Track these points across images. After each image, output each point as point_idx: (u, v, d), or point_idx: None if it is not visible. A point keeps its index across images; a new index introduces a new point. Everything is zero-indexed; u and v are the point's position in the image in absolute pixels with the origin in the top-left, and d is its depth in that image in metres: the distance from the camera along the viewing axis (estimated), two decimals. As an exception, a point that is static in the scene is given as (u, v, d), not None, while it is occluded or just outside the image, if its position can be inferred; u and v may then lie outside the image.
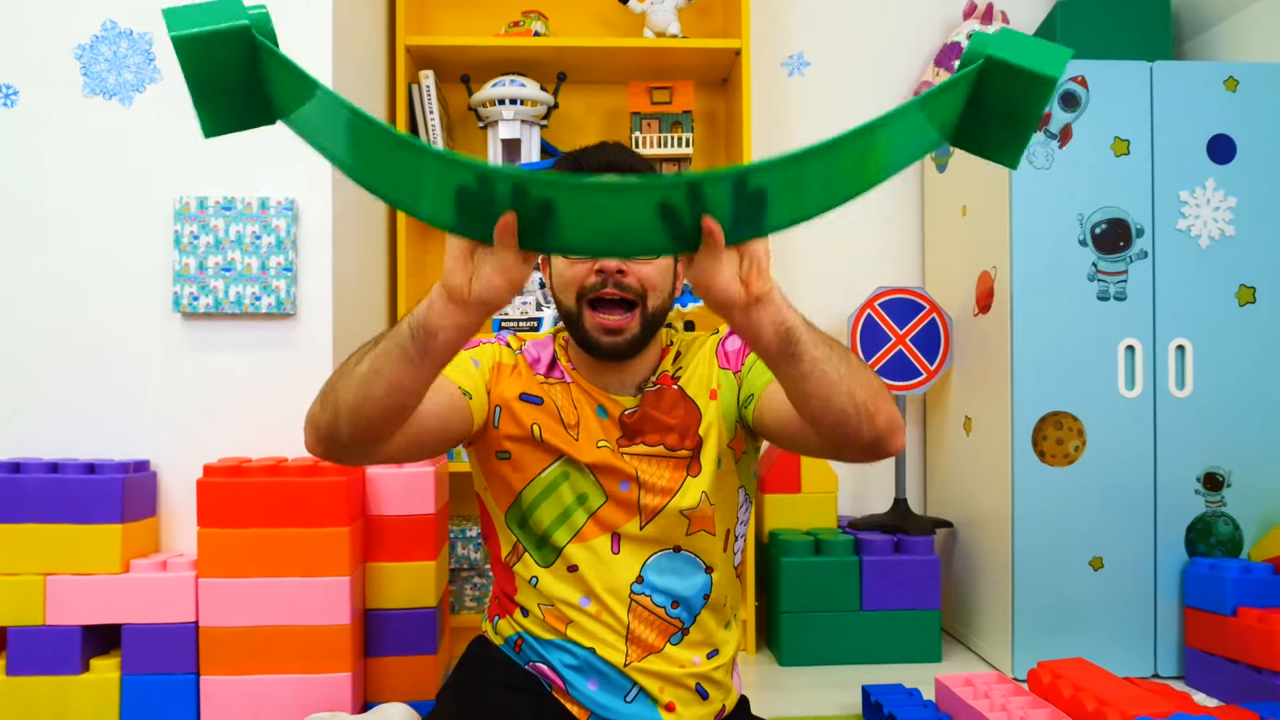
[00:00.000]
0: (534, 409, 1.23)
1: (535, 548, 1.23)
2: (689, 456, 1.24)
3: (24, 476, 1.63)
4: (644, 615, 1.20)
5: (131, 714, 1.62)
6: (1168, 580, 2.07)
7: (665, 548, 1.23)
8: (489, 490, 1.27)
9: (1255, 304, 2.07)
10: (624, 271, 1.18)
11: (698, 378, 1.28)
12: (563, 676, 1.21)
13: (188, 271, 1.73)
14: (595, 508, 1.22)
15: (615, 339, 1.20)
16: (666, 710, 1.20)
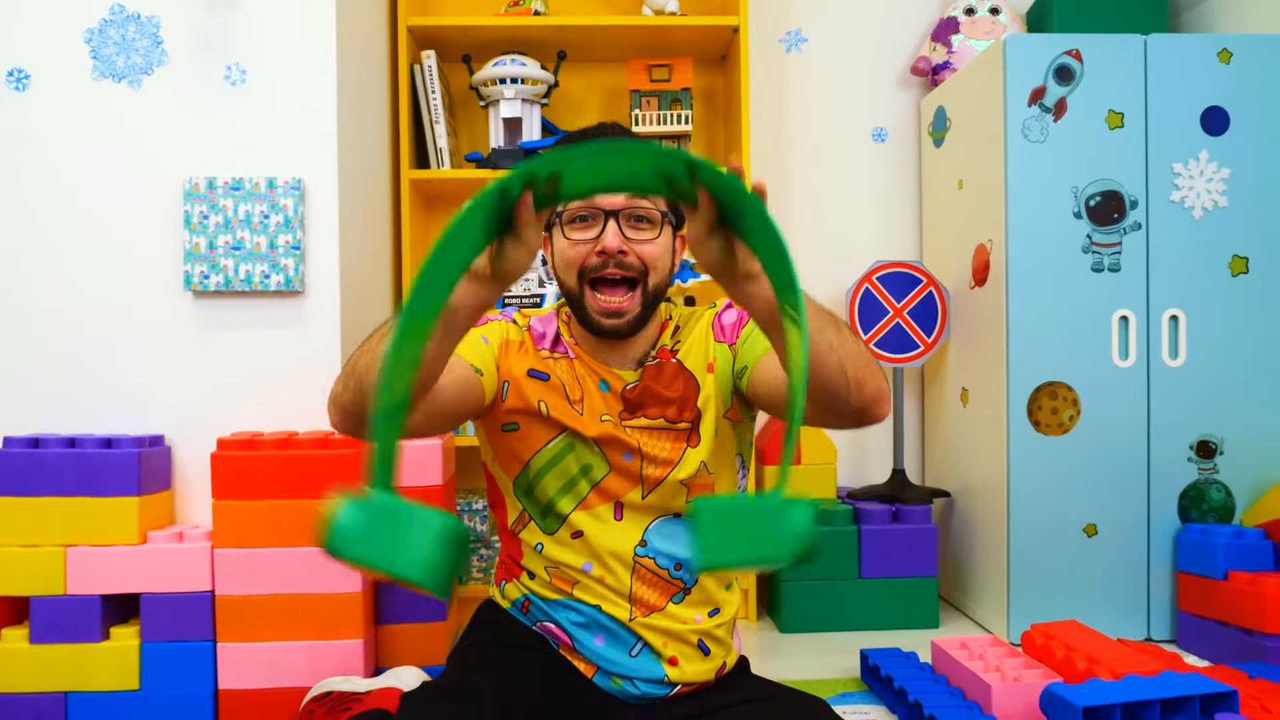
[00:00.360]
0: (540, 384, 1.27)
1: (540, 516, 1.28)
2: (688, 428, 1.27)
3: (43, 451, 1.68)
4: (647, 577, 1.25)
5: (151, 680, 1.68)
6: (1160, 546, 2.12)
7: (666, 514, 1.27)
8: (496, 461, 1.32)
9: (1248, 274, 2.11)
10: (625, 251, 1.21)
11: (695, 352, 1.31)
12: (570, 634, 1.26)
13: (198, 251, 1.78)
14: (599, 478, 1.25)
15: (616, 321, 1.23)
16: (670, 664, 1.24)
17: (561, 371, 1.29)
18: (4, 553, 1.67)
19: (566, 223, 1.24)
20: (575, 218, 1.23)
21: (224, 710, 1.68)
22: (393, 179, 2.33)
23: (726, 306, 1.35)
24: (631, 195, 1.20)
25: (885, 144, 2.64)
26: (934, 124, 2.50)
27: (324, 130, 1.82)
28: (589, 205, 1.22)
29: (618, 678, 1.24)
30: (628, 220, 1.23)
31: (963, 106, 2.35)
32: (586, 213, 1.23)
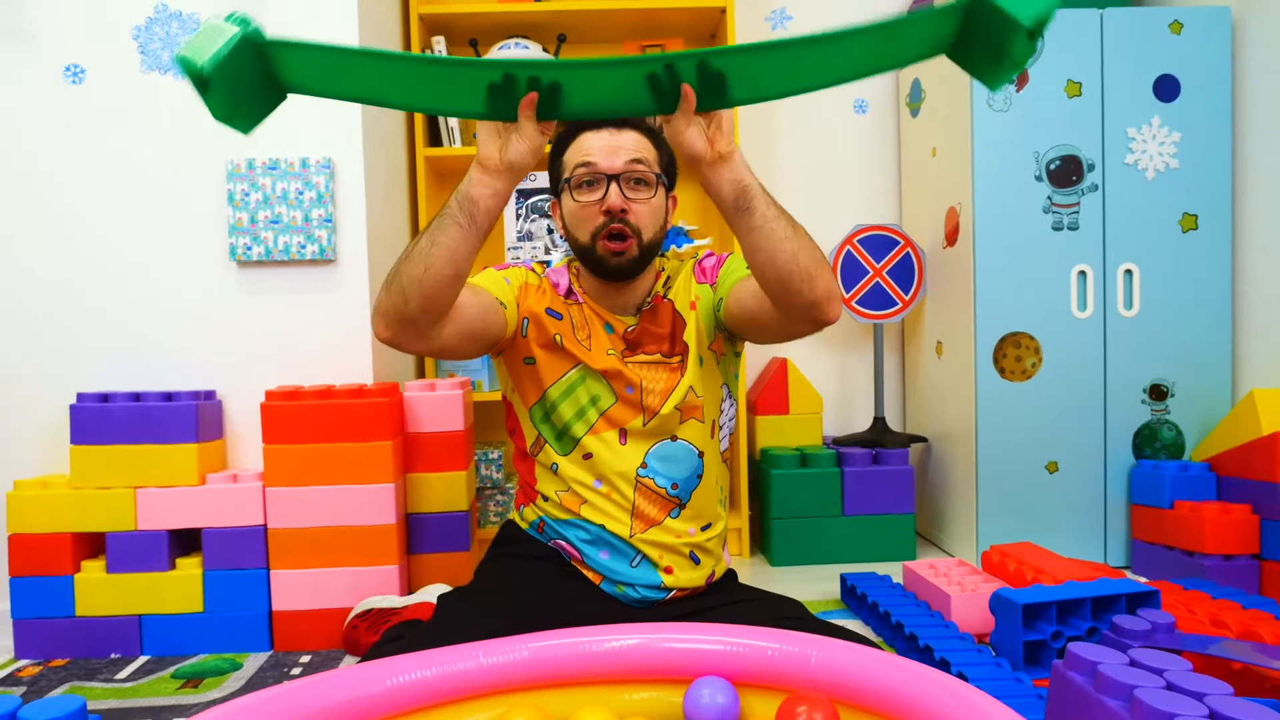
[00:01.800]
0: (556, 322, 1.47)
1: (556, 439, 1.48)
2: (679, 359, 1.48)
3: (112, 406, 1.88)
4: (648, 494, 1.45)
5: (213, 603, 1.88)
6: (1116, 481, 2.32)
7: (664, 438, 1.47)
8: (516, 392, 1.52)
9: (1197, 230, 2.28)
10: (625, 210, 1.40)
11: (682, 294, 1.51)
12: (578, 549, 1.47)
13: (241, 225, 1.97)
14: (606, 407, 1.45)
15: (620, 259, 1.42)
16: (665, 573, 1.45)
17: (574, 314, 1.49)
18: (82, 494, 1.86)
19: (574, 187, 1.43)
20: (581, 182, 1.42)
21: (277, 628, 1.87)
22: (409, 156, 2.52)
23: (706, 255, 1.56)
24: (629, 161, 1.40)
25: (866, 115, 2.82)
26: (910, 95, 2.68)
27: (350, 114, 2.00)
28: (592, 171, 1.41)
29: (621, 584, 1.45)
30: (627, 183, 1.41)
31: (936, 79, 2.52)
32: (590, 178, 1.41)
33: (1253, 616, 1.63)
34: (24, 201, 1.98)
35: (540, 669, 1.24)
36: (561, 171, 1.47)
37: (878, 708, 1.09)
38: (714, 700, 1.18)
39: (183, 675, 1.75)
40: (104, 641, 1.87)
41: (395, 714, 1.18)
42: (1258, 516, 2.02)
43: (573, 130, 1.47)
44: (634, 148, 1.43)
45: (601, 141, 1.42)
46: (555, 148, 1.51)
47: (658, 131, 1.49)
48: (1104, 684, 0.90)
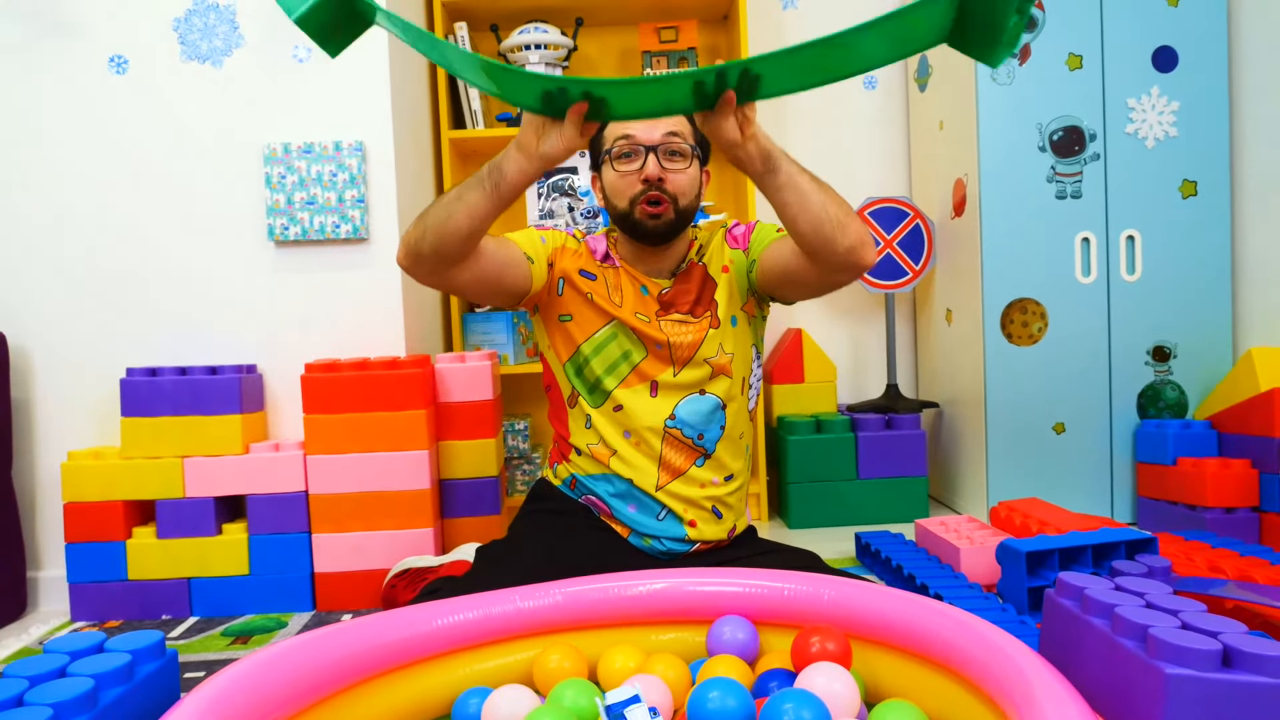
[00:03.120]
0: (590, 282, 1.56)
1: (589, 392, 1.57)
2: (709, 316, 1.56)
3: (160, 379, 1.98)
4: (674, 443, 1.54)
5: (258, 565, 1.97)
6: (1122, 440, 2.39)
7: (692, 391, 1.55)
8: (552, 348, 1.61)
9: (1197, 196, 2.35)
10: (663, 179, 1.49)
11: (715, 259, 1.61)
12: (608, 503, 1.56)
13: (278, 206, 2.07)
14: (637, 361, 1.54)
15: (657, 221, 1.51)
16: (689, 526, 1.55)
17: (609, 276, 1.58)
18: (132, 464, 1.95)
19: (615, 158, 1.52)
20: (621, 154, 1.51)
21: (319, 589, 1.97)
22: (434, 139, 2.61)
23: (735, 224, 1.66)
24: (666, 134, 1.49)
25: (875, 90, 2.88)
26: (918, 71, 2.74)
27: (380, 98, 2.09)
28: (631, 143, 1.49)
29: (647, 537, 1.55)
30: (664, 154, 1.50)
31: (942, 54, 2.58)
32: (629, 150, 1.50)
33: (1249, 563, 1.71)
34: (74, 188, 2.07)
35: (573, 612, 1.34)
36: (602, 144, 1.55)
37: (889, 639, 1.18)
38: (734, 636, 1.27)
39: (232, 633, 1.86)
40: (155, 603, 1.97)
41: (442, 652, 1.28)
42: (1257, 471, 2.09)
43: None
44: (671, 122, 1.51)
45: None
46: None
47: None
48: (1090, 605, 0.98)
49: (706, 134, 1.25)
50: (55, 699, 0.88)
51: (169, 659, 1.05)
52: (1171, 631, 0.85)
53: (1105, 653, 0.90)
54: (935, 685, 1.08)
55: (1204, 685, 0.80)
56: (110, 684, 0.96)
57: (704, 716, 0.95)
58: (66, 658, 0.99)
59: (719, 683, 0.97)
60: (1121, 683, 0.87)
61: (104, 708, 0.91)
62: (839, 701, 0.99)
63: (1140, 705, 0.84)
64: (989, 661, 0.96)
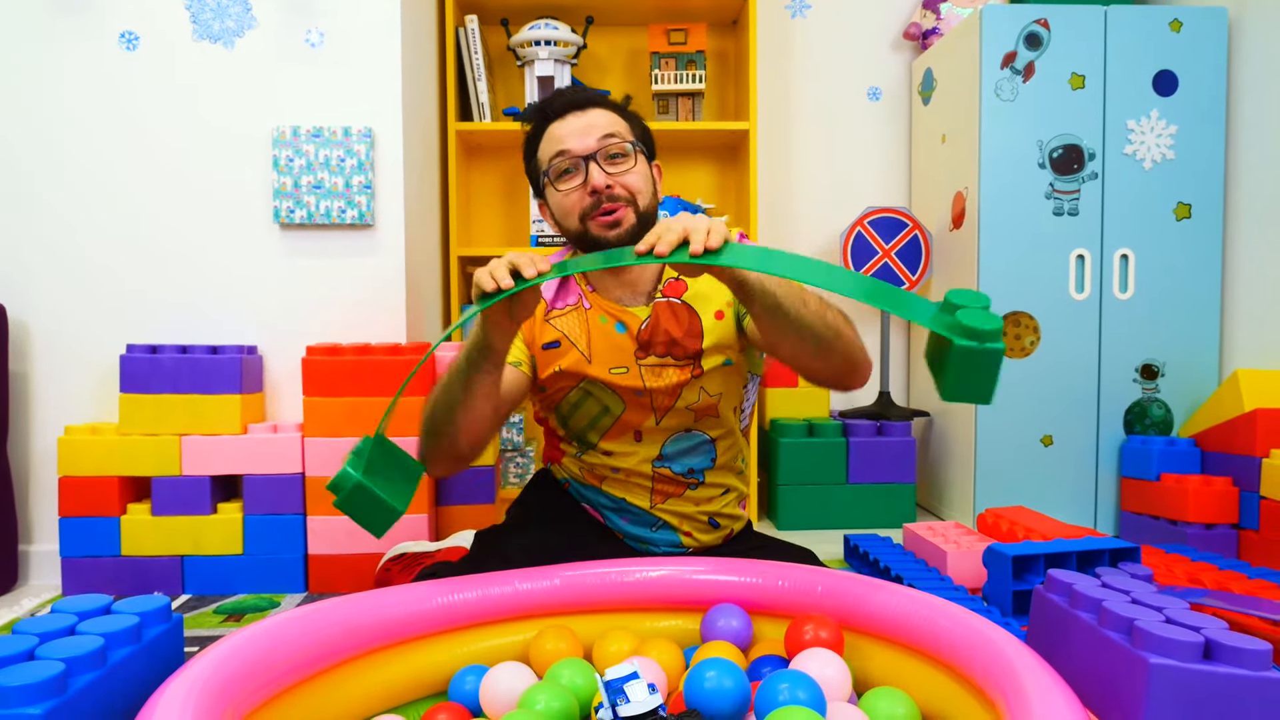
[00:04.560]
0: (554, 353, 1.46)
1: (574, 440, 1.51)
2: (691, 362, 1.43)
3: (161, 356, 1.98)
4: (665, 477, 1.49)
5: (252, 546, 1.98)
6: (1107, 455, 2.43)
7: (679, 431, 1.47)
8: (538, 403, 1.56)
9: (1191, 219, 2.39)
10: (611, 185, 1.37)
11: (704, 294, 1.46)
12: (602, 514, 1.54)
13: (285, 189, 2.08)
14: (618, 414, 1.46)
15: (618, 230, 1.38)
16: (685, 536, 1.52)
17: (571, 327, 1.46)
18: (129, 440, 1.96)
19: (554, 179, 1.40)
20: (560, 172, 1.39)
21: (313, 571, 1.98)
22: (441, 130, 2.63)
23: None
24: (602, 138, 1.38)
25: (879, 102, 2.92)
26: (923, 84, 2.78)
27: (390, 86, 2.11)
28: (568, 158, 1.38)
29: (643, 541, 1.53)
30: (605, 159, 1.38)
31: (947, 68, 2.62)
32: (569, 165, 1.38)
33: (1227, 576, 1.75)
34: (80, 164, 2.08)
35: (570, 596, 1.36)
36: (539, 169, 1.45)
37: (881, 630, 1.20)
38: (729, 624, 1.30)
39: (225, 611, 1.87)
40: (148, 580, 1.97)
41: (439, 631, 1.30)
42: (1237, 489, 2.14)
43: (539, 124, 1.45)
44: (604, 124, 1.40)
45: (570, 126, 1.39)
46: (527, 147, 1.48)
47: (623, 105, 1.48)
48: (1078, 600, 1.01)
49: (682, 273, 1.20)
50: (65, 655, 0.90)
51: (175, 623, 1.07)
52: (1156, 624, 0.88)
53: (1092, 644, 0.93)
54: (923, 676, 1.11)
55: (1186, 676, 0.83)
56: (119, 644, 0.97)
57: (701, 696, 0.97)
58: (75, 617, 1.01)
59: (715, 663, 1.00)
60: (1107, 673, 0.90)
61: (113, 666, 0.93)
62: (831, 686, 1.02)
63: (1124, 694, 0.87)
64: (977, 652, 0.99)
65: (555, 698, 1.04)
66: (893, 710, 0.99)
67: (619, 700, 0.92)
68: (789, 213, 2.90)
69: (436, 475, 1.39)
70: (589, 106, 1.41)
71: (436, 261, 2.58)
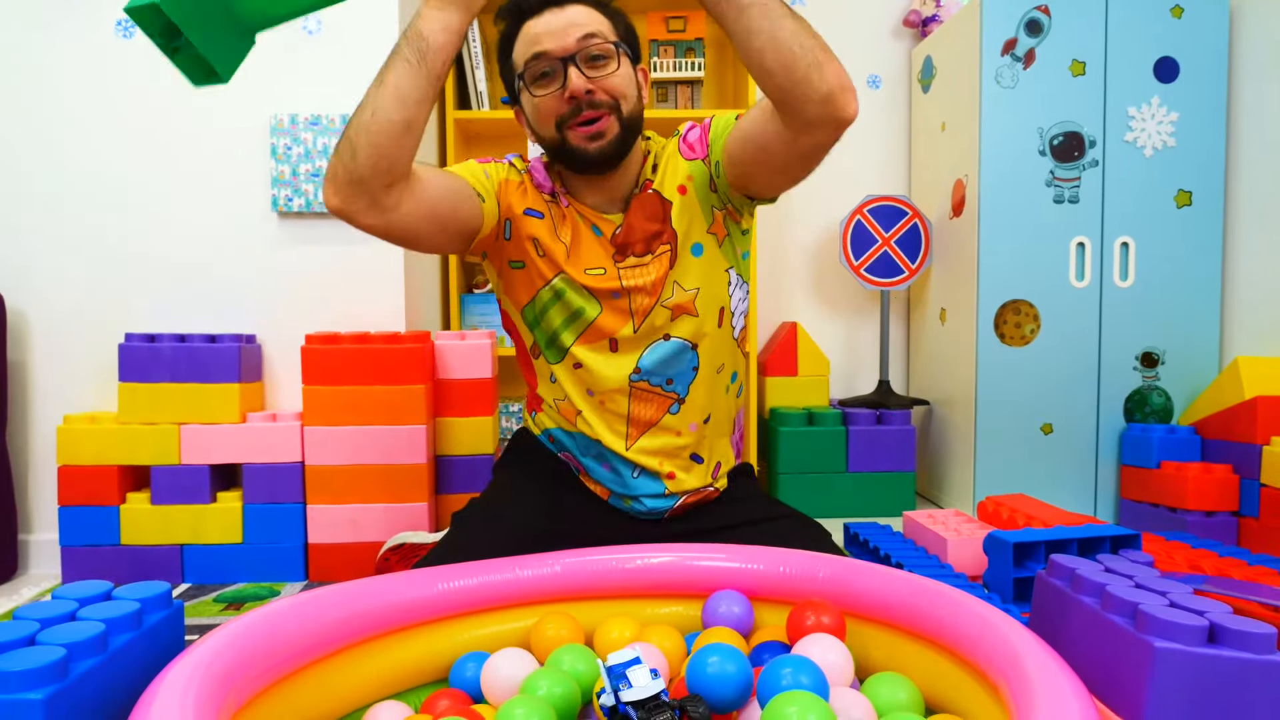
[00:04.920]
0: (536, 222, 1.37)
1: (547, 346, 1.42)
2: (667, 250, 1.36)
3: (159, 345, 1.98)
4: (643, 396, 1.40)
5: (252, 535, 1.98)
6: (1107, 443, 2.43)
7: (656, 339, 1.39)
8: (506, 295, 1.45)
9: (1191, 206, 2.39)
10: (592, 90, 1.28)
11: (669, 177, 1.38)
12: (581, 463, 1.47)
13: (283, 177, 2.08)
14: (593, 318, 1.38)
15: (600, 143, 1.29)
16: (668, 479, 1.43)
17: (554, 215, 1.38)
18: (128, 429, 1.96)
19: (530, 82, 1.30)
20: (536, 76, 1.29)
21: (312, 560, 1.98)
22: (439, 118, 2.62)
23: (689, 128, 1.41)
24: (582, 38, 1.27)
25: (879, 90, 2.91)
26: (922, 72, 2.77)
27: (389, 74, 2.10)
28: (545, 60, 1.27)
29: (626, 498, 1.46)
30: (585, 61, 1.28)
31: (947, 56, 2.61)
32: (546, 68, 1.28)
33: (1227, 563, 1.75)
34: (78, 152, 2.07)
35: (571, 583, 1.36)
36: (514, 70, 1.34)
37: (883, 616, 1.20)
38: (730, 610, 1.29)
39: (224, 600, 1.87)
40: (147, 569, 1.97)
41: (437, 618, 1.29)
42: (1238, 476, 2.14)
43: (514, 22, 1.34)
44: (585, 21, 1.29)
45: (546, 24, 1.28)
46: (501, 49, 1.38)
47: (605, 1, 1.36)
48: (1080, 584, 1.01)
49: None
50: (67, 640, 0.89)
51: (175, 609, 1.06)
52: (1160, 608, 0.88)
53: (1095, 629, 0.93)
54: (926, 661, 1.11)
55: (1191, 659, 0.83)
56: (120, 630, 0.97)
57: (703, 681, 0.97)
58: (75, 603, 1.00)
59: (718, 648, 0.99)
60: (1110, 657, 0.90)
61: (114, 651, 0.93)
62: (834, 671, 1.02)
63: (1128, 678, 0.86)
64: (980, 636, 0.98)
65: (557, 683, 1.04)
66: (895, 695, 0.99)
67: (621, 686, 0.91)
68: (788, 200, 2.89)
69: (327, 199, 1.16)
70: (567, 2, 1.30)
71: (435, 250, 2.57)
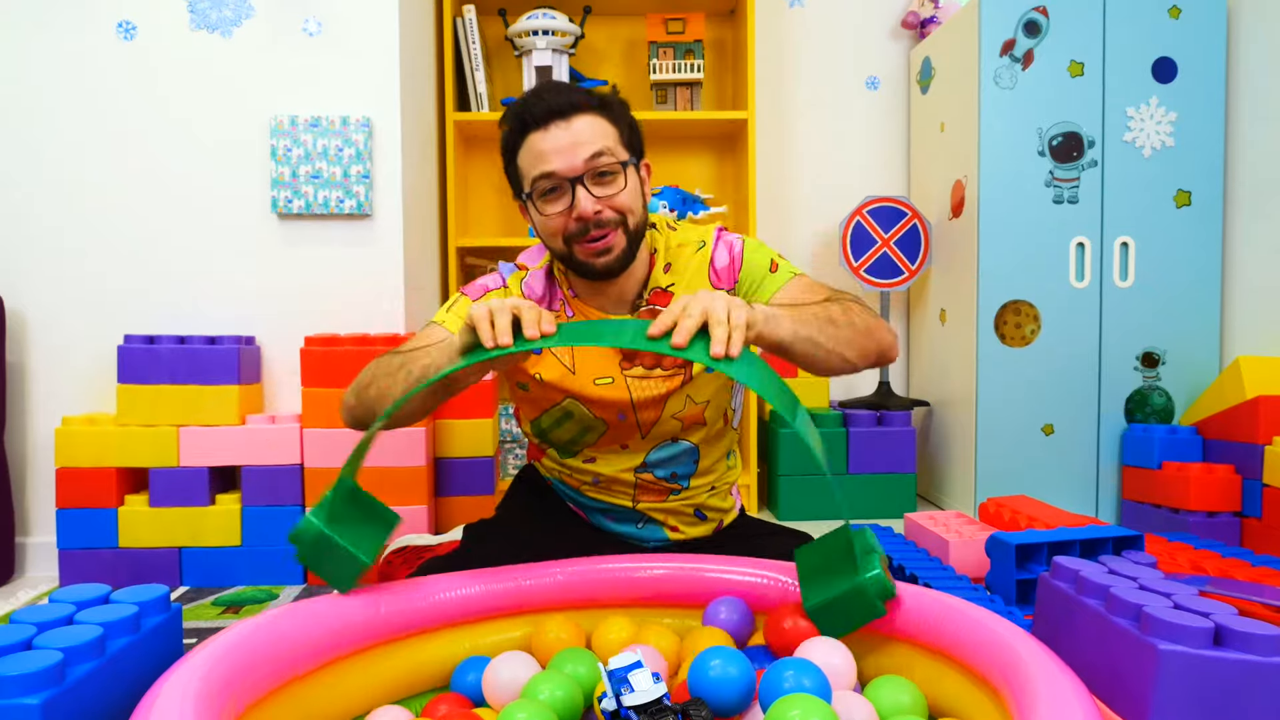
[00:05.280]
0: (535, 356, 1.37)
1: (556, 450, 1.46)
2: (680, 370, 1.37)
3: (158, 347, 1.98)
4: (647, 484, 1.44)
5: (250, 537, 1.98)
6: (1108, 444, 2.43)
7: (664, 440, 1.42)
8: (519, 407, 1.51)
9: (1190, 206, 2.39)
10: (600, 210, 1.27)
11: (691, 291, 1.36)
12: (586, 514, 1.51)
13: (283, 179, 2.07)
14: (601, 432, 1.40)
15: (608, 258, 1.29)
16: (671, 530, 1.48)
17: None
18: (127, 431, 1.95)
19: (538, 198, 1.29)
20: (544, 193, 1.28)
21: (312, 563, 2.00)
22: (438, 120, 2.61)
23: (717, 244, 1.40)
24: (590, 158, 1.25)
25: (878, 91, 2.91)
26: (921, 73, 2.77)
27: (388, 76, 2.09)
28: (553, 179, 1.26)
29: (630, 539, 1.49)
30: (592, 180, 1.26)
31: (945, 57, 2.61)
32: (553, 185, 1.26)
33: (1230, 563, 1.75)
34: (78, 153, 2.07)
35: (572, 592, 1.35)
36: (520, 180, 1.33)
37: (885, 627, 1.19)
38: (730, 618, 1.28)
39: (223, 603, 1.86)
40: (145, 572, 1.97)
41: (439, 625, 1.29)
42: (1240, 476, 2.13)
43: (517, 131, 1.31)
44: (591, 138, 1.27)
45: (554, 142, 1.26)
46: (506, 150, 1.35)
47: (610, 102, 1.33)
48: (1084, 586, 1.01)
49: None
50: (64, 644, 0.89)
51: (173, 613, 1.06)
52: (1165, 610, 0.88)
53: (1099, 631, 0.93)
54: (928, 666, 1.10)
55: (1196, 662, 0.82)
56: (118, 633, 0.96)
57: (705, 684, 0.96)
58: (73, 607, 1.00)
59: (720, 651, 0.99)
60: (1114, 660, 0.89)
61: (112, 655, 0.92)
62: (836, 674, 1.01)
63: (1133, 681, 0.86)
64: (982, 645, 0.98)
65: (558, 687, 1.03)
66: (898, 699, 0.99)
67: (623, 690, 0.91)
68: (787, 202, 2.89)
69: (345, 421, 1.35)
70: (573, 113, 1.27)
71: (434, 251, 2.57)
